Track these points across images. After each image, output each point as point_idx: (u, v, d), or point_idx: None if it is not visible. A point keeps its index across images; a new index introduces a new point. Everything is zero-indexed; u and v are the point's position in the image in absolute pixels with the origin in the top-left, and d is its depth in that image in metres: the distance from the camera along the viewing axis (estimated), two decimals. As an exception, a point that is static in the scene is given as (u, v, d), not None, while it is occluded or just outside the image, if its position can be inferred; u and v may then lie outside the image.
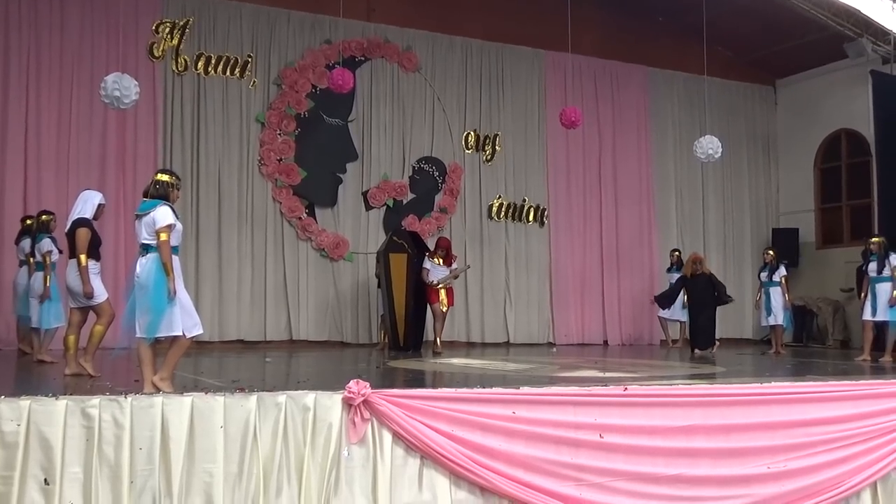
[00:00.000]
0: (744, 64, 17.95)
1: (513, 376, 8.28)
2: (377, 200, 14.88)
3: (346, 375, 6.36)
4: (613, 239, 16.62)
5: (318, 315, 14.34)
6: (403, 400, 5.70)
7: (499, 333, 15.61)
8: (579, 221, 16.44)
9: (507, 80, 16.06)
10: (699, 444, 6.29)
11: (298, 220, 14.32)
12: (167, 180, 6.48)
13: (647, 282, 16.69)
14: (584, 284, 16.36)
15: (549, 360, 11.46)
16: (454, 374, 8.94)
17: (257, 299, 13.99)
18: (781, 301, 13.42)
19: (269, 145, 14.20)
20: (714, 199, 17.69)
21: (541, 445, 5.91)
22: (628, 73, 16.97)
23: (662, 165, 17.24)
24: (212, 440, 5.23)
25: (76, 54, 12.95)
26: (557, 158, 16.30)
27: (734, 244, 17.83)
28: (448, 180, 15.40)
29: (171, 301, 6.14)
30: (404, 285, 12.87)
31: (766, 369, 9.94)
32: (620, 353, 13.69)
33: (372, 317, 14.50)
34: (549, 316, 16.07)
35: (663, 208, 17.17)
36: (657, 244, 16.89)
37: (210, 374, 7.92)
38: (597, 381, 7.18)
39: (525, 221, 16.01)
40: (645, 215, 16.93)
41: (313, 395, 5.53)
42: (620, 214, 16.70)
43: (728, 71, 17.66)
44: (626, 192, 16.75)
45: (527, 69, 16.21)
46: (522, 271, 15.91)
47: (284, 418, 5.41)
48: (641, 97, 17.11)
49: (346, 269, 14.61)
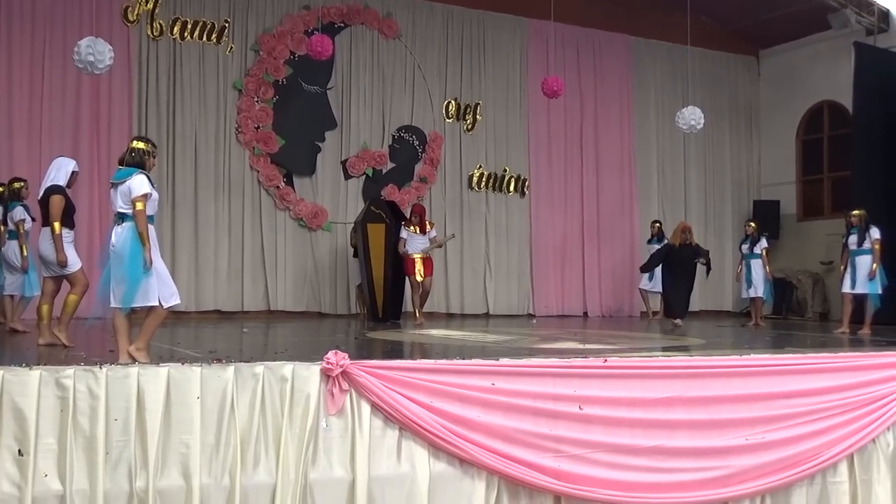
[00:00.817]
0: (727, 34, 17.94)
1: (492, 348, 8.31)
2: (356, 169, 14.83)
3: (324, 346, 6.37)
4: (594, 210, 16.66)
5: (295, 285, 14.32)
6: (382, 371, 5.71)
7: (478, 305, 15.66)
8: (560, 192, 16.45)
9: (489, 48, 15.99)
10: (678, 416, 6.34)
11: (276, 189, 14.26)
12: (143, 148, 6.43)
13: (628, 253, 16.76)
14: (565, 256, 16.41)
15: (528, 331, 11.50)
16: (433, 345, 8.96)
17: (234, 269, 13.95)
18: (762, 273, 13.50)
19: (246, 113, 14.10)
20: (696, 170, 17.74)
21: (520, 417, 5.94)
22: (611, 43, 16.93)
23: (644, 136, 17.26)
24: (188, 411, 5.23)
25: (48, 18, 12.78)
26: (539, 128, 16.28)
27: (715, 216, 17.92)
28: (428, 150, 15.37)
29: (148, 271, 6.12)
30: (382, 255, 12.86)
31: (745, 341, 10.02)
32: (600, 325, 13.76)
33: (350, 287, 14.51)
34: (529, 287, 16.12)
35: (645, 179, 17.21)
36: (638, 215, 16.95)
37: (187, 345, 7.90)
38: (576, 352, 7.22)
39: (506, 192, 16.01)
40: (626, 186, 16.97)
41: (291, 365, 5.53)
42: (602, 185, 16.73)
43: (711, 41, 17.65)
44: (607, 162, 16.77)
45: (509, 37, 16.14)
46: (503, 242, 15.94)
47: (262, 389, 5.41)
48: (624, 67, 17.09)
49: (324, 239, 14.59)
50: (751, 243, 13.63)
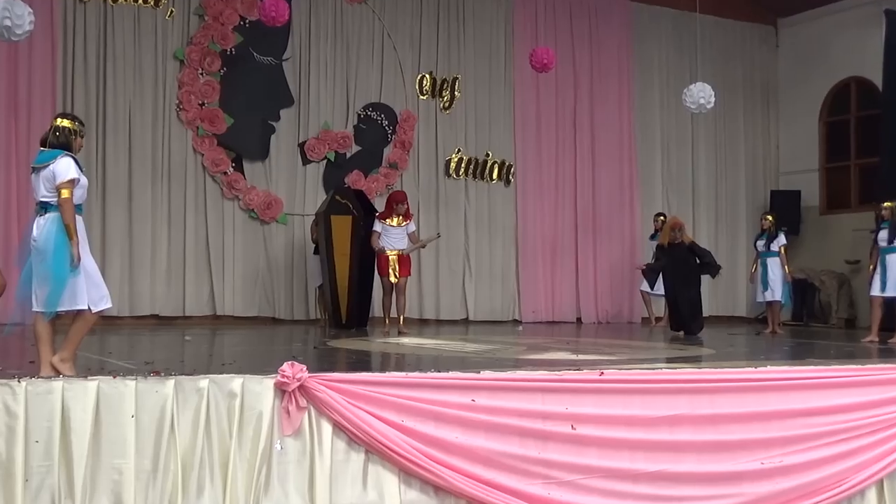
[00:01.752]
0: (741, 0, 18.03)
1: (472, 359, 8.32)
2: (316, 153, 14.81)
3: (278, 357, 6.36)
4: (589, 201, 16.71)
5: (246, 287, 14.28)
6: (346, 385, 5.70)
7: (457, 309, 15.68)
8: (550, 180, 16.49)
9: (469, 14, 16.00)
10: (684, 437, 6.37)
11: (223, 176, 14.21)
12: (69, 126, 6.39)
13: (628, 250, 16.83)
14: (556, 253, 16.45)
15: (514, 340, 11.51)
16: (404, 355, 8.96)
17: (175, 268, 13.90)
18: (780, 274, 13.57)
19: (189, 87, 14.04)
20: (705, 156, 17.83)
21: (504, 438, 5.95)
22: (609, 9, 16.98)
23: (647, 117, 17.33)
24: (121, 431, 5.20)
25: (-42, -25, 12.65)
26: (526, 107, 16.31)
27: (727, 208, 18.01)
28: (399, 131, 15.36)
29: (75, 269, 6.07)
30: (348, 252, 12.84)
31: (761, 351, 10.08)
32: (596, 333, 13.80)
33: (309, 289, 14.47)
34: (515, 289, 16.16)
35: (647, 166, 17.28)
36: (639, 207, 17.02)
37: (119, 355, 7.86)
38: (569, 364, 7.24)
39: (488, 180, 16.03)
40: (626, 174, 17.03)
41: (240, 379, 5.51)
42: (598, 173, 16.78)
43: (723, 8, 17.74)
44: (604, 146, 16.82)
45: (492, 2, 16.16)
46: (484, 237, 15.96)
47: (207, 406, 5.40)
48: (624, 37, 17.15)
49: (279, 234, 14.55)
50: (767, 239, 13.71)
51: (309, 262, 14.28)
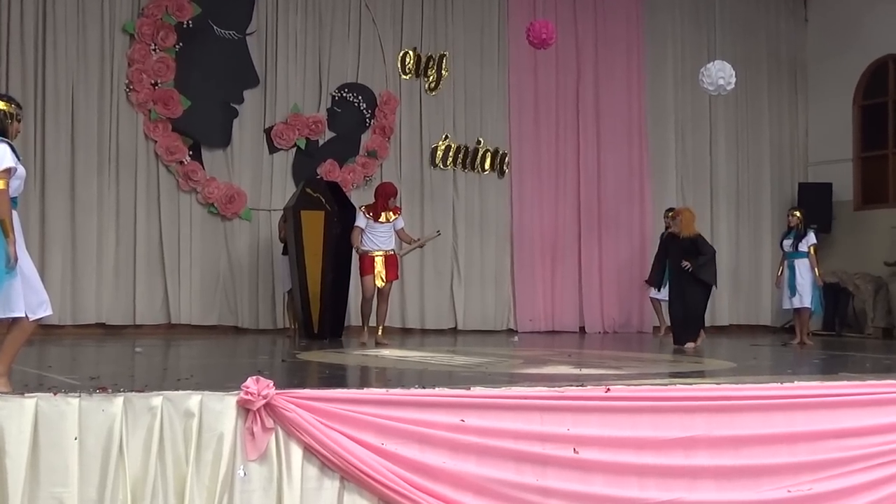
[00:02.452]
0: (766, -32, 18.11)
1: (462, 373, 8.32)
2: (284, 140, 14.80)
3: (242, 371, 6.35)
4: (594, 194, 16.73)
5: (204, 292, 14.28)
6: (318, 403, 5.70)
7: (444, 317, 15.69)
8: (550, 171, 16.52)
9: (458, -18, 16.06)
10: (701, 462, 6.38)
11: (179, 166, 14.20)
12: (4, 109, 6.36)
13: (638, 250, 16.85)
14: (556, 254, 16.47)
15: (508, 352, 11.51)
16: (385, 370, 8.96)
17: (124, 270, 13.90)
18: (809, 277, 13.59)
19: (139, 65, 14.02)
20: (725, 143, 17.86)
21: (497, 463, 5.96)
22: (617, -23, 17.05)
23: (659, 98, 17.36)
24: (63, 456, 5.19)
25: None
26: (522, 88, 16.33)
27: (750, 203, 18.05)
28: (379, 115, 15.36)
29: (10, 271, 6.04)
30: (320, 253, 12.83)
31: (787, 365, 10.11)
32: (602, 344, 13.82)
33: (277, 295, 14.47)
34: (510, 295, 16.18)
35: (660, 155, 17.31)
36: (651, 201, 17.04)
37: (61, 369, 7.84)
38: (571, 379, 7.24)
39: (479, 170, 16.05)
40: (636, 164, 17.06)
41: (199, 396, 5.51)
42: (604, 162, 16.80)
43: (746, -24, 17.82)
44: (611, 132, 16.85)
45: (484, -31, 16.23)
46: (475, 236, 15.98)
47: (160, 427, 5.39)
48: (633, 7, 17.19)
49: (242, 231, 14.54)
50: (795, 239, 13.74)
51: (276, 264, 14.27)
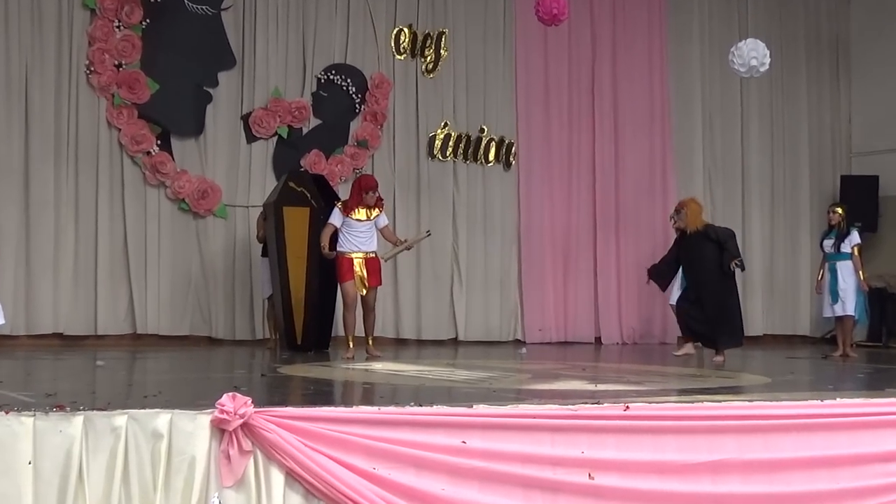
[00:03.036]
0: (804, -66, 18.10)
1: (463, 389, 8.32)
2: (264, 129, 14.78)
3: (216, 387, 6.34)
4: (612, 189, 16.71)
5: (174, 298, 14.27)
6: (302, 423, 5.70)
7: (443, 327, 15.68)
8: (562, 162, 16.50)
9: (459, -49, 16.06)
10: (731, 488, 6.38)
11: (146, 157, 14.19)
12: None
13: (660, 252, 16.66)
14: (569, 255, 16.45)
15: (515, 365, 11.51)
16: (376, 385, 8.95)
17: (84, 274, 13.90)
18: (852, 282, 13.58)
19: (102, 43, 14.02)
20: (758, 132, 17.83)
21: (503, 490, 5.96)
22: (637, -55, 17.07)
23: (685, 82, 17.36)
24: (15, 482, 5.19)
25: None
26: (531, 69, 16.33)
27: (786, 198, 18.02)
28: (370, 100, 15.36)
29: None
30: (305, 254, 12.81)
31: (828, 380, 10.09)
32: (620, 357, 13.82)
33: (256, 301, 14.47)
34: (517, 301, 16.17)
35: (685, 145, 17.30)
36: (675, 197, 16.96)
37: (13, 385, 7.83)
38: (585, 396, 7.24)
39: (483, 162, 16.04)
40: (658, 155, 17.05)
41: (168, 415, 5.50)
42: (623, 153, 16.79)
43: (781, -56, 17.82)
44: (631, 120, 16.84)
45: (488, -64, 16.23)
46: (478, 235, 15.97)
47: (125, 450, 5.38)
48: (655, -19, 17.23)
49: (216, 230, 14.53)
50: (836, 238, 13.73)
51: (255, 267, 14.26)
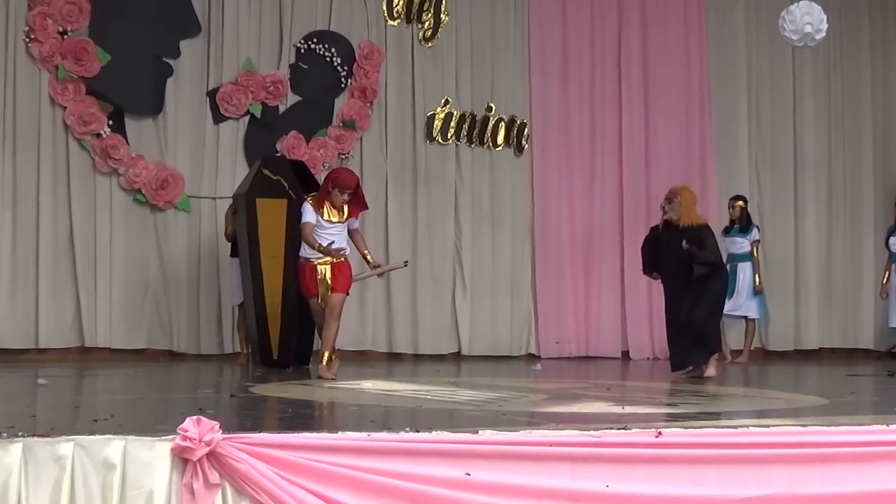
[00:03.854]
0: None
1: (467, 412, 8.32)
2: (234, 107, 14.77)
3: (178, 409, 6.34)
4: (641, 179, 16.73)
5: (129, 306, 14.29)
6: (278, 452, 5.69)
7: (443, 339, 15.70)
8: (583, 147, 16.52)
9: None
10: (783, 529, 6.38)
11: (96, 140, 14.21)
12: None
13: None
14: (591, 256, 16.45)
15: (528, 384, 11.50)
16: (366, 407, 8.95)
17: (23, 277, 13.96)
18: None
19: (44, 7, 14.02)
20: (814, 113, 17.83)
21: (514, 530, 5.96)
22: None
23: (727, 53, 17.38)
24: (-57, 520, 5.20)
25: None
26: (547, 37, 16.34)
27: (846, 191, 18.00)
28: (358, 73, 15.36)
29: None
30: (281, 255, 12.80)
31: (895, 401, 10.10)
32: (651, 374, 13.82)
33: (224, 309, 14.48)
34: (530, 310, 16.20)
35: (727, 128, 17.31)
36: (716, 188, 17.02)
37: (-61, 407, 7.85)
38: (610, 420, 7.24)
39: (490, 146, 16.05)
40: (696, 140, 17.05)
41: (121, 442, 5.50)
42: (654, 137, 16.81)
43: None
44: (664, 98, 16.86)
45: None
46: (484, 232, 15.98)
47: (71, 482, 5.38)
48: (692, -67, 17.24)
49: (178, 226, 14.55)
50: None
51: (224, 270, 14.27)
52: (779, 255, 16.95)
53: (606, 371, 14.11)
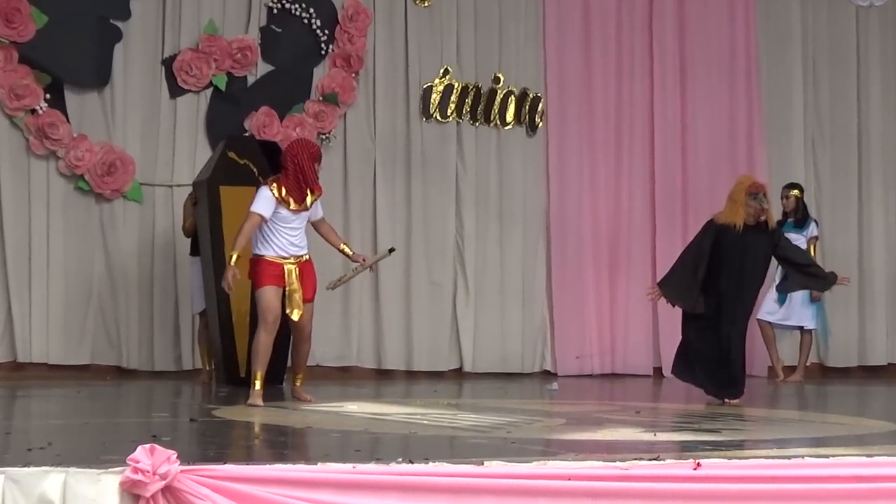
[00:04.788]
0: None
1: (469, 440, 8.33)
2: (195, 78, 14.78)
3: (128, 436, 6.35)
4: (677, 165, 16.76)
5: (70, 315, 14.31)
6: (245, 487, 5.70)
7: (442, 353, 15.73)
8: (608, 127, 16.55)
9: None
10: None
11: (31, 116, 14.23)
12: None
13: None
14: (618, 256, 16.47)
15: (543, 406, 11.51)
16: (350, 434, 8.97)
17: (-56, 280, 13.94)
18: None
19: (-32, -41, 14.06)
20: (881, 87, 17.83)
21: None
22: None
23: (779, 16, 17.39)
24: None
25: None
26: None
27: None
28: (341, 38, 15.37)
29: None
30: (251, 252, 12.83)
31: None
32: (688, 394, 13.83)
33: (183, 318, 14.50)
34: (545, 318, 16.23)
35: (779, 102, 17.33)
36: (766, 174, 17.02)
37: None
38: (639, 449, 7.25)
39: (498, 124, 16.06)
40: (742, 115, 17.07)
41: (61, 475, 5.51)
42: (692, 115, 16.82)
43: None
44: (703, 67, 16.89)
45: None
46: (491, 226, 16.00)
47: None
48: None
49: (129, 219, 14.56)
50: None
51: (183, 271, 14.29)
52: (840, 253, 16.92)
53: (635, 391, 14.14)
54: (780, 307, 15.26)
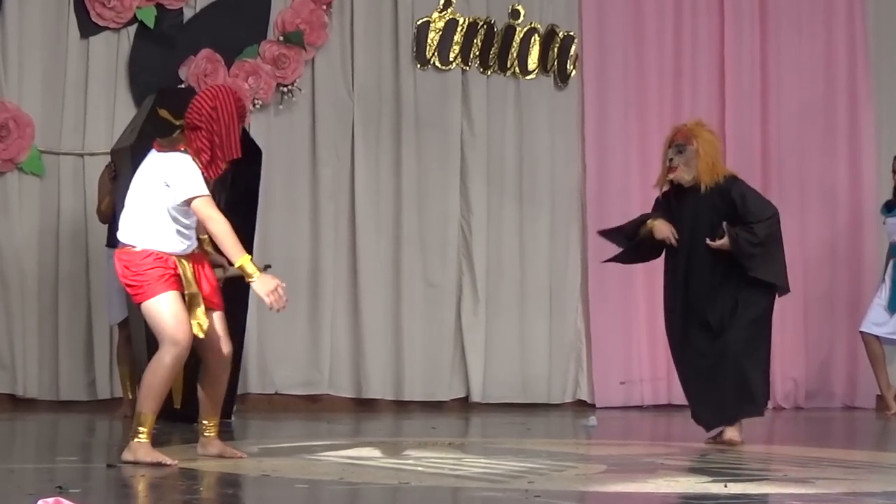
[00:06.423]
0: None
1: (479, 493, 8.37)
2: (113, 12, 14.82)
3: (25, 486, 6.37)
4: (756, 125, 16.83)
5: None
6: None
7: (442, 379, 15.84)
8: (664, 75, 16.62)
9: None
10: None
11: None
12: None
13: (846, 246, 16.94)
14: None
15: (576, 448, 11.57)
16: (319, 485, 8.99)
17: None
18: None
19: None
20: None
21: None
22: None
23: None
24: None
25: None
26: None
27: None
28: (304, -41, 15.45)
29: None
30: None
31: None
32: (770, 432, 13.88)
33: (98, 331, 14.52)
34: (580, 333, 16.34)
35: (891, 42, 17.40)
36: (874, 139, 17.10)
37: None
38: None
39: (518, 73, 16.12)
40: (842, 63, 17.18)
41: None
42: (775, 59, 16.92)
43: None
44: (789, 10, 16.95)
45: None
46: (508, 210, 16.07)
47: None
48: None
49: (26, 198, 14.61)
50: None
51: (97, 268, 14.33)
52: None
53: (697, 428, 14.19)
54: (892, 316, 15.26)
